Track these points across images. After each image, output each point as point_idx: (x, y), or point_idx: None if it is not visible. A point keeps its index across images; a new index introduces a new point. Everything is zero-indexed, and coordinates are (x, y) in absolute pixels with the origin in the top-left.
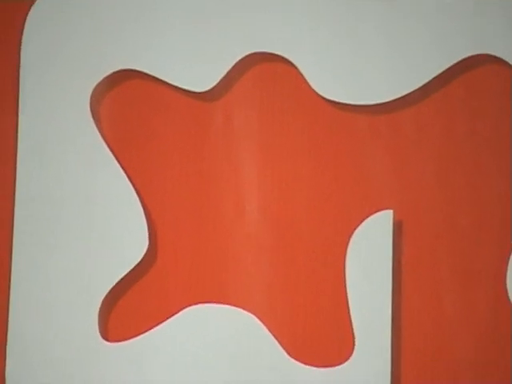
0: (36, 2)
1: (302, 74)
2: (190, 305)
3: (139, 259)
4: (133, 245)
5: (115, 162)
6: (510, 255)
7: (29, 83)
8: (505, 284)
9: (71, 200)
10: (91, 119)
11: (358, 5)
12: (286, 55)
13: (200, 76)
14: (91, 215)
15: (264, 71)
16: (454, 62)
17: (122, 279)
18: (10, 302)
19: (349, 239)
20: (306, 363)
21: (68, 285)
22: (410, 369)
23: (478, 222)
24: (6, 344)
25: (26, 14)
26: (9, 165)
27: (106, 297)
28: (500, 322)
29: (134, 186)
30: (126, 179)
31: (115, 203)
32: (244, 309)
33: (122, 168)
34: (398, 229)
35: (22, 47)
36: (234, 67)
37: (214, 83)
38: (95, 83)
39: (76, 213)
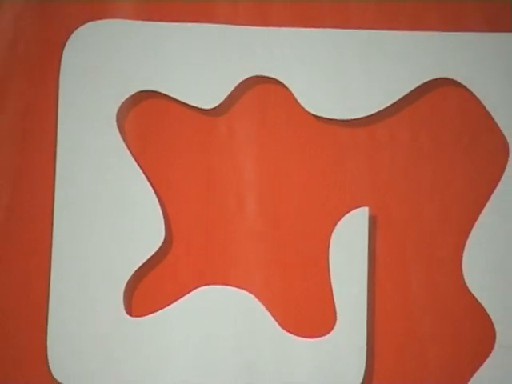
0: (74, 33)
1: (292, 94)
2: (199, 286)
3: (157, 248)
4: (152, 237)
5: (137, 167)
6: (465, 245)
7: (66, 100)
8: (461, 269)
9: (103, 199)
10: (117, 131)
11: (341, 38)
12: (279, 78)
13: (208, 96)
14: (118, 213)
15: (261, 92)
16: (419, 83)
17: (143, 264)
18: (50, 283)
19: (332, 230)
20: (295, 335)
21: (99, 269)
22: (382, 340)
23: (440, 217)
24: (47, 318)
25: (66, 41)
26: (49, 168)
27: (130, 279)
28: (458, 300)
29: (153, 188)
30: (147, 182)
31: (137, 203)
32: (244, 289)
33: (143, 172)
34: (372, 222)
35: (61, 70)
36: (235, 88)
37: (219, 101)
38: (121, 101)
39: (106, 210)
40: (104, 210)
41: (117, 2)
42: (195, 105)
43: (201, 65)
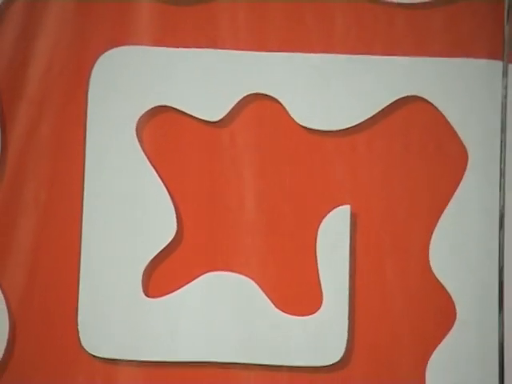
0: (101, 57)
1: (285, 109)
2: (206, 272)
3: (170, 240)
4: (166, 230)
5: (153, 171)
6: (431, 237)
7: (94, 113)
8: (428, 257)
9: (126, 198)
10: (137, 140)
11: (326, 61)
12: (274, 95)
13: (213, 110)
14: (138, 210)
15: (258, 106)
16: (393, 100)
17: (158, 253)
18: (80, 269)
19: (319, 225)
20: (287, 313)
21: (122, 257)
22: (361, 318)
23: (410, 213)
24: (78, 298)
25: (94, 64)
26: (79, 171)
27: (147, 265)
28: (425, 283)
29: (167, 188)
30: (161, 183)
31: (153, 202)
32: (244, 275)
33: (158, 175)
34: (353, 218)
35: (90, 88)
36: (237, 104)
37: (223, 115)
38: (139, 115)
39: (128, 207)
40: (126, 207)
41: (136, 31)
42: (202, 118)
43: (207, 84)
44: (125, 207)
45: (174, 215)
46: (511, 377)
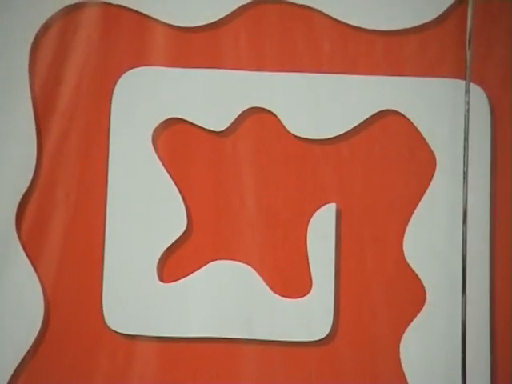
0: (122, 76)
1: (280, 120)
2: (212, 260)
3: (181, 233)
4: (177, 225)
5: (167, 174)
6: (405, 231)
7: (116, 124)
8: (402, 248)
9: (143, 198)
10: (152, 147)
11: (316, 80)
12: (270, 109)
13: (218, 121)
14: (154, 207)
15: (257, 118)
16: (372, 113)
17: (171, 244)
18: (104, 257)
19: (309, 220)
20: (281, 296)
21: (140, 247)
22: (345, 300)
23: (387, 211)
24: (102, 282)
25: (116, 81)
26: (103, 173)
27: (162, 255)
28: (399, 271)
29: (178, 189)
30: (174, 185)
31: (167, 201)
32: (244, 263)
33: (171, 178)
34: (338, 214)
35: (113, 103)
36: (238, 116)
37: (227, 126)
38: (155, 126)
39: (146, 205)
40: (143, 205)
41: (152, 54)
42: (208, 128)
43: (212, 99)
44: (142, 205)
45: (185, 212)
46: (472, 350)
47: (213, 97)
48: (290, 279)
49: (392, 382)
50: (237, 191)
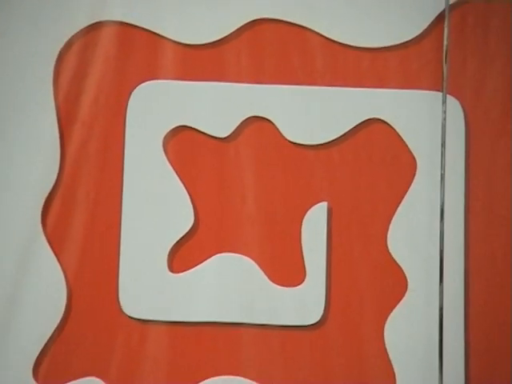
0: (136, 88)
1: (277, 128)
2: (217, 253)
3: (188, 228)
4: (185, 221)
5: (176, 176)
6: (389, 226)
7: (131, 132)
8: (386, 241)
9: (157, 197)
10: (163, 152)
11: (308, 92)
12: (268, 117)
13: (222, 128)
14: (165, 206)
15: (256, 126)
16: (359, 121)
17: (179, 239)
18: (120, 249)
19: (303, 217)
20: (278, 285)
21: (152, 241)
22: (335, 288)
23: (372, 209)
24: (118, 271)
25: (130, 93)
26: (118, 176)
27: (171, 248)
28: (384, 262)
29: (186, 190)
30: (182, 186)
31: (176, 200)
32: (245, 255)
33: (180, 179)
34: (329, 212)
35: (128, 112)
36: (240, 124)
37: (230, 132)
38: (165, 132)
39: (159, 204)
40: (155, 204)
41: (163, 69)
42: (213, 135)
43: (217, 108)
44: (153, 203)
45: (192, 210)
46: (448, 331)
47: (217, 107)
48: (286, 270)
49: (377, 362)
50: (238, 191)
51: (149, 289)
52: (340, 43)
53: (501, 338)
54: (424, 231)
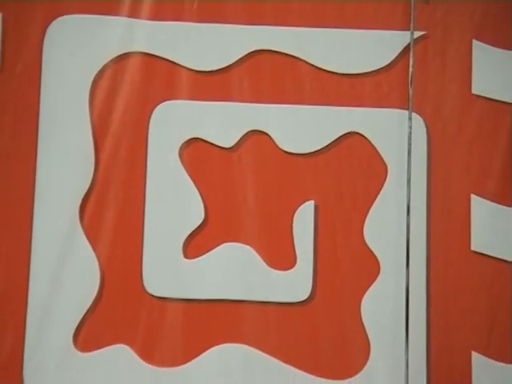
0: (157, 107)
1: (272, 139)
2: (222, 243)
3: (200, 222)
4: (196, 217)
5: (189, 178)
6: (365, 221)
7: (152, 141)
8: (363, 234)
9: (174, 197)
10: (179, 159)
11: (299, 110)
12: (264, 130)
13: (227, 140)
14: (180, 206)
15: (256, 138)
16: (341, 134)
17: (192, 231)
18: (144, 240)
19: (294, 213)
20: (273, 269)
21: (170, 233)
22: (321, 272)
23: (352, 207)
24: (142, 260)
25: (152, 111)
26: (142, 179)
27: (186, 238)
28: (360, 251)
29: (198, 191)
30: (195, 188)
31: (190, 199)
32: (246, 244)
33: (192, 180)
34: (316, 209)
35: (150, 127)
36: (242, 136)
37: (234, 143)
38: (181, 143)
39: (173, 203)
40: (173, 203)
41: (178, 91)
42: (220, 145)
43: (223, 123)
44: (171, 201)
45: (202, 207)
46: (413, 308)
47: (223, 122)
48: (280, 256)
49: (355, 332)
50: (241, 191)
51: (167, 272)
52: (324, 70)
53: (456, 311)
54: (394, 224)
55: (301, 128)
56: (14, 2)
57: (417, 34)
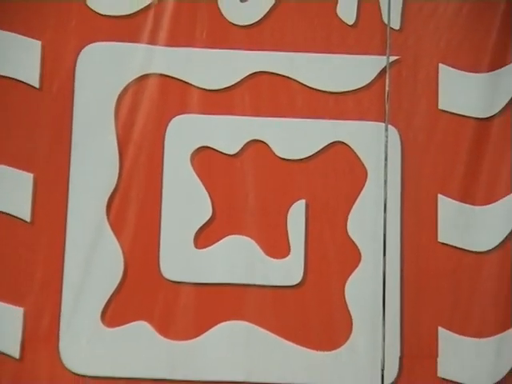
0: (171, 121)
1: (270, 148)
2: (227, 235)
3: (208, 218)
4: (205, 212)
5: (200, 181)
6: (348, 217)
7: (168, 149)
8: (347, 227)
9: (187, 197)
10: (191, 166)
11: (291, 123)
12: (263, 140)
13: (231, 147)
14: (190, 204)
15: (256, 146)
16: (327, 143)
17: (201, 225)
18: (161, 235)
19: (288, 210)
20: (271, 257)
21: (183, 228)
22: (311, 260)
23: (337, 204)
24: (159, 250)
25: (168, 124)
26: (159, 182)
27: (196, 232)
28: (344, 242)
29: (207, 191)
30: (204, 188)
31: (199, 198)
32: (247, 236)
33: (202, 184)
34: (306, 207)
35: (166, 137)
36: (244, 145)
37: (237, 151)
38: (192, 150)
39: (185, 202)
40: (184, 200)
41: (191, 106)
42: (225, 152)
43: (228, 133)
44: (183, 200)
45: (210, 205)
46: (389, 290)
47: (228, 133)
48: (276, 246)
49: (340, 311)
50: (243, 191)
51: (180, 259)
52: (314, 88)
53: (425, 293)
54: (372, 220)
55: (294, 138)
56: (51, 32)
57: (392, 58)
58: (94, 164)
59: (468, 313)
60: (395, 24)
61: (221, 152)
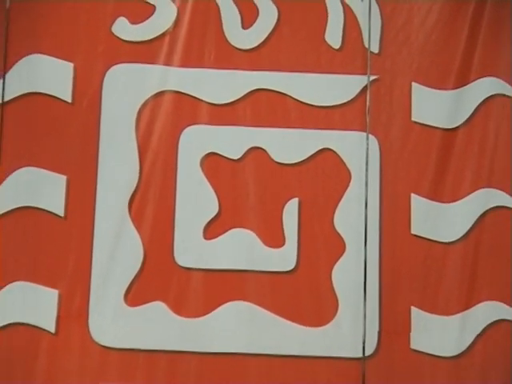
0: (184, 130)
1: (268, 153)
2: (231, 228)
3: (215, 214)
4: (212, 209)
5: (208, 183)
6: (334, 213)
7: (181, 156)
8: (333, 221)
9: (197, 197)
10: (201, 170)
11: (286, 133)
12: (261, 146)
13: (235, 154)
14: (200, 203)
15: (255, 153)
16: (317, 149)
17: (210, 220)
18: (175, 228)
19: (284, 207)
20: (269, 247)
21: (195, 222)
22: (303, 249)
23: (326, 202)
24: (173, 241)
25: (180, 133)
26: (172, 183)
27: (205, 225)
28: (331, 233)
29: (214, 191)
30: (211, 188)
31: (207, 198)
32: (249, 229)
33: (210, 185)
34: (300, 204)
35: (179, 146)
36: (245, 152)
37: (239, 156)
38: (202, 156)
39: (196, 200)
40: (195, 199)
41: (200, 117)
42: (229, 157)
43: (232, 141)
44: (193, 199)
45: (217, 203)
46: (370, 275)
47: (232, 140)
48: (273, 238)
49: (327, 294)
50: (245, 191)
51: (191, 249)
52: (305, 103)
53: (399, 277)
54: (355, 215)
55: (288, 145)
56: (82, 55)
57: (372, 77)
58: (117, 167)
59: (436, 294)
60: (375, 48)
61: (226, 157)
